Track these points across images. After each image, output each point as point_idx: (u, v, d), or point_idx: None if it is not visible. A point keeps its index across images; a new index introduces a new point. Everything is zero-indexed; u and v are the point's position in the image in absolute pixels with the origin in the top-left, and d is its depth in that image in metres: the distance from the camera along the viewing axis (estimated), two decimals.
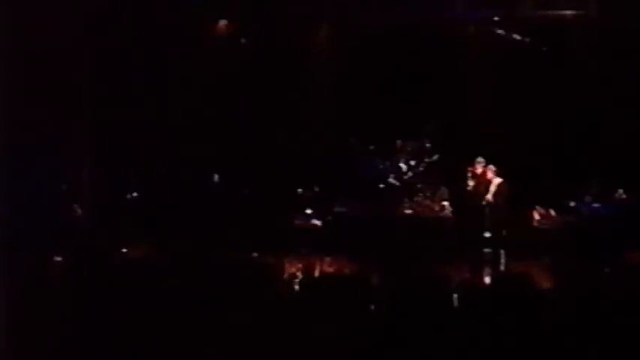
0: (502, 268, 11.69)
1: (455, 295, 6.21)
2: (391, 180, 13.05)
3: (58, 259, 8.96)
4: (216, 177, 13.33)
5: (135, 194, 13.36)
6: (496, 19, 13.69)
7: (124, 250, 11.02)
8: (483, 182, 12.28)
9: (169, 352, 5.17)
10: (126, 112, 13.56)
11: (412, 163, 13.15)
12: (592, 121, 13.34)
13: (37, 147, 11.36)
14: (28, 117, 10.90)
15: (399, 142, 13.26)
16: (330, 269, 9.94)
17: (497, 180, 12.19)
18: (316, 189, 13.34)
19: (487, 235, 12.68)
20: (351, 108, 13.86)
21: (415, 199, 12.95)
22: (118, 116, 13.44)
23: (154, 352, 5.16)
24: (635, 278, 7.49)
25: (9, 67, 8.54)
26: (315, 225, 12.88)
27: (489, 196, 12.16)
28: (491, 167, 12.32)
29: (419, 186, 13.07)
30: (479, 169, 12.47)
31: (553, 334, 5.26)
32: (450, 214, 12.70)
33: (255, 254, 9.72)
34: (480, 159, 12.65)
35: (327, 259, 11.09)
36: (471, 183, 12.54)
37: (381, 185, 13.06)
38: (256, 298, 5.75)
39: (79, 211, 12.64)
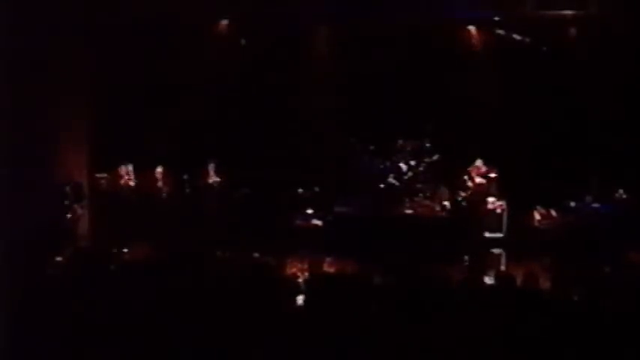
0: (502, 268, 11.70)
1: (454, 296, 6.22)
2: (391, 180, 13.04)
3: (58, 259, 8.98)
4: (211, 172, 13.31)
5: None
6: (496, 19, 13.69)
7: (124, 250, 11.05)
8: (474, 181, 12.46)
9: (170, 352, 5.17)
10: (126, 112, 13.55)
11: (412, 163, 13.15)
12: (592, 120, 13.35)
13: (37, 147, 11.34)
14: (29, 117, 10.90)
15: (399, 142, 13.26)
16: (331, 269, 9.93)
17: (479, 179, 12.31)
18: (316, 189, 13.34)
19: (486, 235, 12.76)
20: (351, 108, 13.86)
21: (415, 199, 12.95)
22: (117, 116, 13.43)
23: (154, 352, 5.16)
24: (635, 278, 7.50)
25: (9, 66, 8.56)
26: (315, 225, 12.87)
27: (466, 193, 12.31)
28: (479, 164, 12.42)
29: (419, 186, 13.07)
30: (480, 170, 12.54)
31: (553, 334, 5.26)
32: (450, 214, 12.70)
33: (255, 254, 9.73)
34: (480, 160, 12.67)
35: (327, 259, 11.08)
36: (469, 184, 12.60)
37: (381, 185, 13.05)
38: (257, 298, 5.75)
39: (80, 211, 12.64)
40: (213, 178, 13.35)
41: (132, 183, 13.20)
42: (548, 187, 12.79)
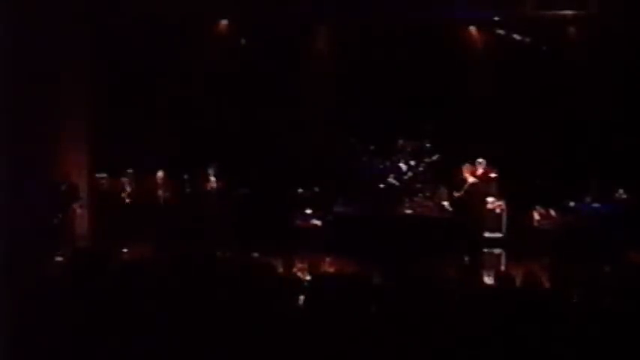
0: (502, 267, 11.71)
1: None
2: (391, 180, 13.04)
3: (58, 259, 8.98)
4: (211, 172, 13.28)
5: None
6: (496, 19, 13.70)
7: (124, 250, 11.06)
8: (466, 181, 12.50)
9: (170, 353, 5.17)
10: (126, 112, 13.56)
11: (412, 163, 13.15)
12: (592, 120, 13.36)
13: (37, 147, 11.34)
14: (29, 117, 10.90)
15: (399, 142, 13.26)
16: (331, 269, 9.93)
17: (472, 179, 12.33)
18: (316, 189, 13.34)
19: (486, 235, 12.76)
20: (351, 108, 13.86)
21: (415, 199, 12.96)
22: (117, 117, 13.44)
23: (154, 352, 5.16)
24: (635, 278, 7.49)
25: (9, 66, 8.55)
26: (315, 225, 12.87)
27: (459, 193, 12.33)
28: (477, 164, 12.44)
29: (419, 186, 13.07)
30: (479, 170, 12.54)
31: (553, 334, 5.26)
32: (450, 214, 12.71)
33: (255, 254, 9.73)
34: (480, 159, 12.66)
35: (327, 259, 11.09)
36: (463, 183, 12.63)
37: (381, 185, 13.05)
38: (257, 298, 5.75)
39: (79, 210, 12.64)
40: (212, 178, 13.34)
41: (133, 188, 13.17)
42: (548, 187, 12.80)
